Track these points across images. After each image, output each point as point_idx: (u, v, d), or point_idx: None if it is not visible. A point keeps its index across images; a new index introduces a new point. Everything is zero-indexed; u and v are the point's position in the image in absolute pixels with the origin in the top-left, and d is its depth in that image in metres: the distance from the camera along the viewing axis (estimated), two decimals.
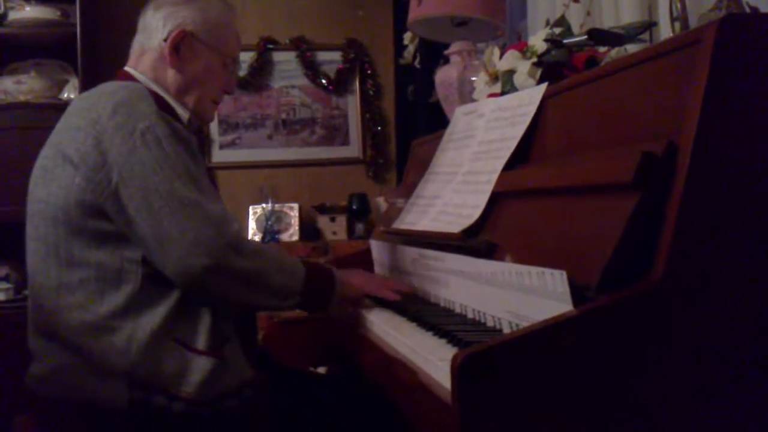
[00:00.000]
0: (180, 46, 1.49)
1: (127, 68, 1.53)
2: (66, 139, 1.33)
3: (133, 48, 1.56)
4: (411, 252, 1.66)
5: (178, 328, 1.30)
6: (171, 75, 1.50)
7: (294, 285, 1.38)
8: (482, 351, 0.87)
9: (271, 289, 1.35)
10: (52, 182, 1.33)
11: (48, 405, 1.33)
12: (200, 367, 1.28)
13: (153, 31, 1.51)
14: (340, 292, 1.48)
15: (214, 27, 1.54)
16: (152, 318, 1.27)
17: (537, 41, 1.57)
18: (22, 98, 3.12)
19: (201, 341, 1.30)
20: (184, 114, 1.50)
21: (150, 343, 1.26)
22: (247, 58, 3.81)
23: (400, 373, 1.15)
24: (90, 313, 1.28)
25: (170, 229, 1.24)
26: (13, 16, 3.12)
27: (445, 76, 2.17)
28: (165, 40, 1.49)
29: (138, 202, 1.26)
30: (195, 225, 1.25)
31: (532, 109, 1.41)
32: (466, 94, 2.01)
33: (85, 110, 1.33)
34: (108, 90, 1.37)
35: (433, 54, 3.14)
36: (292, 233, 3.66)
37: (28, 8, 3.13)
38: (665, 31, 1.66)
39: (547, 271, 1.03)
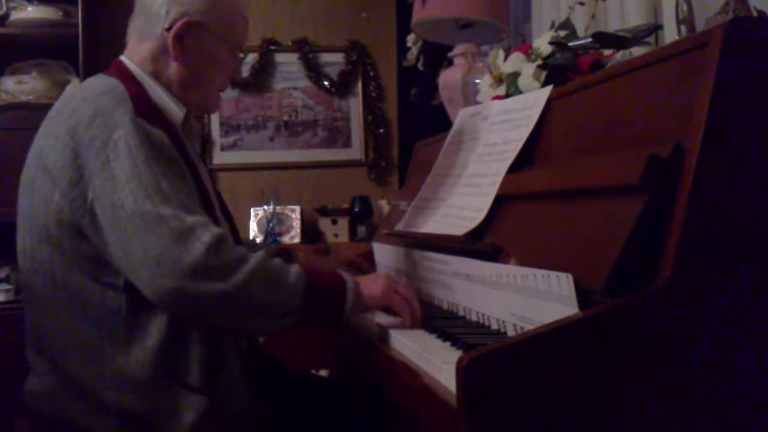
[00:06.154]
0: (184, 37, 1.37)
1: (123, 58, 1.41)
2: (46, 147, 1.26)
3: (130, 31, 1.43)
4: (414, 254, 1.65)
5: (170, 360, 1.22)
6: (174, 68, 1.39)
7: (290, 300, 1.21)
8: (487, 354, 0.86)
9: (259, 308, 1.19)
10: (34, 194, 1.27)
11: (43, 423, 1.30)
12: (193, 405, 1.22)
13: (154, 17, 1.38)
14: (353, 306, 1.29)
15: (223, 14, 1.42)
16: (142, 349, 1.21)
17: (542, 44, 1.57)
18: (23, 98, 3.12)
19: (194, 374, 1.23)
20: (179, 112, 1.39)
21: (142, 379, 1.20)
22: (249, 59, 3.79)
23: (404, 377, 1.14)
24: (76, 340, 1.23)
25: (135, 249, 1.14)
26: (15, 16, 3.11)
27: (448, 78, 2.16)
28: (168, 30, 1.36)
29: (109, 221, 1.17)
30: (156, 243, 1.12)
31: (536, 112, 1.41)
32: (469, 97, 2.00)
33: (66, 116, 1.26)
34: (92, 93, 1.28)
35: (437, 56, 3.13)
36: (293, 235, 3.65)
37: (30, 8, 3.13)
38: (671, 34, 1.65)
39: (553, 273, 1.02)
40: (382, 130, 3.93)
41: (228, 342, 1.31)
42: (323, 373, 2.23)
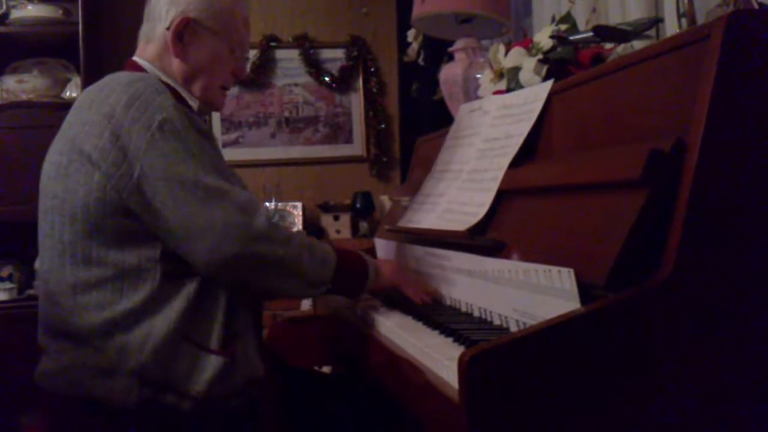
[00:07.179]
0: (183, 33, 1.44)
1: (135, 58, 1.48)
2: (81, 134, 1.30)
3: (140, 36, 1.51)
4: (416, 250, 1.65)
5: (193, 326, 1.29)
6: (176, 64, 1.46)
7: (325, 273, 1.38)
8: (489, 350, 0.86)
9: (302, 276, 1.35)
10: (67, 178, 1.31)
11: (57, 401, 1.33)
12: (211, 365, 1.28)
13: (157, 19, 1.47)
14: (373, 282, 1.49)
15: (220, 12, 1.49)
16: (168, 316, 1.27)
17: (542, 38, 1.56)
18: (24, 97, 3.12)
19: (213, 339, 1.30)
20: (193, 104, 1.46)
21: (164, 343, 1.25)
22: (249, 56, 3.79)
23: (407, 373, 1.14)
24: (107, 312, 1.27)
25: (198, 219, 1.24)
26: (16, 14, 3.11)
27: (449, 73, 2.16)
28: (168, 29, 1.44)
29: (163, 194, 1.25)
30: (223, 213, 1.25)
31: (537, 106, 1.41)
32: (470, 92, 2.00)
33: (98, 104, 1.31)
34: (121, 82, 1.33)
35: (438, 51, 3.13)
36: None
37: (30, 7, 3.12)
38: (671, 27, 1.65)
39: (555, 269, 1.02)
40: (383, 126, 3.93)
41: (246, 314, 1.39)
42: (326, 369, 2.23)
